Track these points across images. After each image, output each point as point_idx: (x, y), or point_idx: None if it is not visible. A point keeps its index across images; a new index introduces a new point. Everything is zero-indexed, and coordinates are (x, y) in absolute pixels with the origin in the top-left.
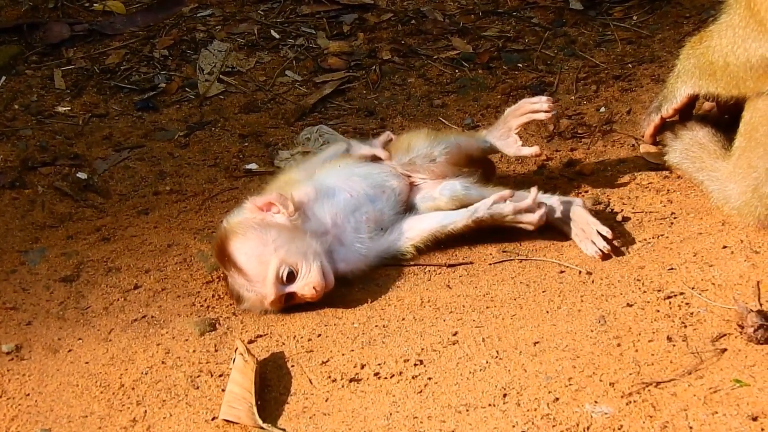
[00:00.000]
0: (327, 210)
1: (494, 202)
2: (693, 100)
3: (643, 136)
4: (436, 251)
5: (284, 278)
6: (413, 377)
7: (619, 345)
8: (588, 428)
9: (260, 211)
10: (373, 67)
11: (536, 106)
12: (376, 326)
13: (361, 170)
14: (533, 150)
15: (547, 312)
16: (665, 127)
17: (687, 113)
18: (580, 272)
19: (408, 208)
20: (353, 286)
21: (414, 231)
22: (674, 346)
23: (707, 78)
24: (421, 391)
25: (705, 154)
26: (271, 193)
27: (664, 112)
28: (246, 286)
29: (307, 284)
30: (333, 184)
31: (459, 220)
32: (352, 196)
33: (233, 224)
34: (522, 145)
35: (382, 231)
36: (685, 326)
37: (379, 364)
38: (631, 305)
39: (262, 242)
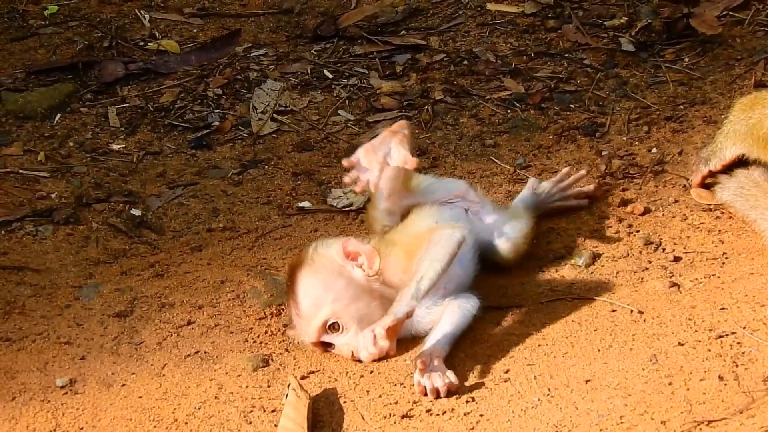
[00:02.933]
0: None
1: None
2: (742, 157)
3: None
4: (489, 289)
5: (329, 329)
6: (465, 414)
7: (670, 384)
8: None
9: (344, 257)
10: (426, 107)
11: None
12: None
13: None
14: None
15: (599, 350)
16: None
17: (735, 164)
18: (631, 311)
19: None
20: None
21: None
22: (726, 385)
23: (760, 148)
24: (473, 428)
25: (760, 193)
26: (366, 246)
27: (713, 166)
28: (296, 316)
29: (347, 344)
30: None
31: None
32: None
33: (317, 254)
34: None
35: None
36: (737, 365)
37: (431, 401)
38: (682, 344)
39: (325, 287)
